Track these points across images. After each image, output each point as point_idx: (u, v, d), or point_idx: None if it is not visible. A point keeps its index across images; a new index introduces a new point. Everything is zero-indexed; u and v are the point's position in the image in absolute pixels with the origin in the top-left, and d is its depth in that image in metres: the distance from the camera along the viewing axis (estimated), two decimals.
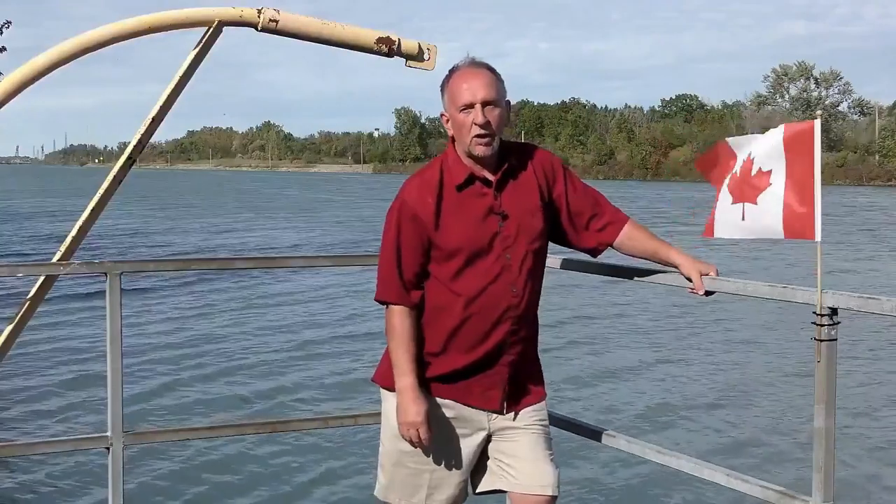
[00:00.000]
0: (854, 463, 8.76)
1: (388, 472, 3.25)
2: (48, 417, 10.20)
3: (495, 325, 3.12)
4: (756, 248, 27.24)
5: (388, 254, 3.16)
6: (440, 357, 3.16)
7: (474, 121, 3.07)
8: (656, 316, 17.15)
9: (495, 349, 3.13)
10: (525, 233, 3.13)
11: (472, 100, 3.07)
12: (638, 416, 10.54)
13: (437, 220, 3.10)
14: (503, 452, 3.20)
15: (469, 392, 3.17)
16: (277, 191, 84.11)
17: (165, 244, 31.31)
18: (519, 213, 3.14)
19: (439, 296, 3.13)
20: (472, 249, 3.09)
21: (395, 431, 3.19)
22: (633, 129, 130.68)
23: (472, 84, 3.09)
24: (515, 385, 3.20)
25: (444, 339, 3.14)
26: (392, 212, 3.17)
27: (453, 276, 3.11)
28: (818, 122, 2.91)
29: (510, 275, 3.11)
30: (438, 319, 3.14)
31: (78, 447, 4.46)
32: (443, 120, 3.23)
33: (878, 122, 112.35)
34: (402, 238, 3.13)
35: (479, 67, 3.14)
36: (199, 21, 3.49)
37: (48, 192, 76.84)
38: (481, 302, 3.10)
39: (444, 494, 3.21)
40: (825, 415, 2.84)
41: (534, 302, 3.21)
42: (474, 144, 3.08)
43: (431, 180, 3.15)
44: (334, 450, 9.07)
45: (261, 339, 14.82)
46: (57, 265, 3.59)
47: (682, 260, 3.23)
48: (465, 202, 3.12)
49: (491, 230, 3.11)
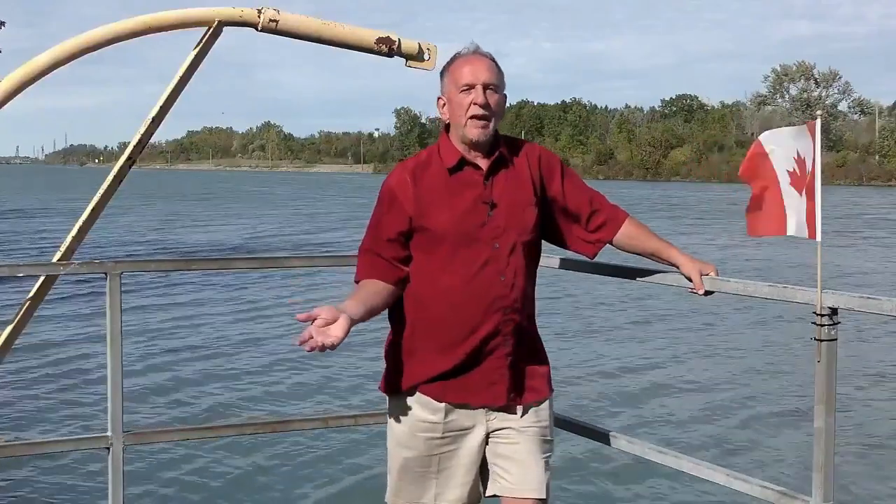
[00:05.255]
0: (854, 463, 8.76)
1: (395, 476, 3.22)
2: (48, 417, 10.19)
3: (485, 315, 3.05)
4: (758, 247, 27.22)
5: (366, 236, 3.17)
6: (430, 352, 3.10)
7: (474, 100, 3.04)
8: (655, 315, 17.14)
9: (486, 341, 3.07)
10: (515, 224, 3.09)
11: (475, 80, 3.06)
12: (637, 416, 10.54)
13: (419, 202, 3.07)
14: (499, 455, 3.16)
15: (467, 390, 3.11)
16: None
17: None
18: (509, 204, 3.10)
19: (425, 286, 3.09)
20: (457, 236, 3.05)
21: (398, 438, 3.17)
22: (633, 129, 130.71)
23: (475, 66, 3.09)
24: (518, 379, 3.14)
25: (433, 330, 3.09)
26: (377, 197, 3.18)
27: (439, 265, 3.07)
28: (818, 122, 2.91)
29: (498, 264, 3.06)
30: (426, 310, 3.10)
31: (78, 447, 4.46)
32: (438, 105, 3.19)
33: (878, 122, 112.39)
34: (380, 221, 3.13)
35: (482, 54, 3.15)
36: (199, 21, 3.49)
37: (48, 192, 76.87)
38: (468, 291, 3.05)
39: (453, 496, 3.17)
40: (825, 415, 2.84)
41: (526, 294, 3.14)
42: (470, 126, 3.06)
43: (418, 162, 3.16)
44: (334, 450, 9.07)
45: (261, 339, 14.81)
46: (57, 265, 3.59)
47: (682, 259, 3.22)
48: (454, 187, 3.09)
49: (479, 218, 3.07)
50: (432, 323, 3.10)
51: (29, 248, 29.42)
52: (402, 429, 3.17)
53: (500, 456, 3.17)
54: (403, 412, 3.15)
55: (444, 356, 3.09)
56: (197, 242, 32.20)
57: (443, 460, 3.15)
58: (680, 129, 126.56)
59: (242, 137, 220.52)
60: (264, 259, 19.78)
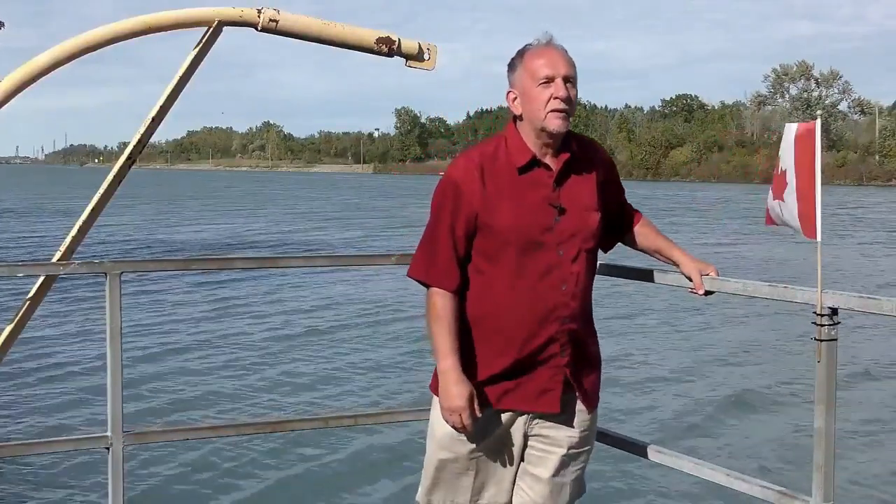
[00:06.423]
0: (854, 463, 8.76)
1: (430, 476, 3.15)
2: (48, 417, 10.19)
3: (543, 324, 2.96)
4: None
5: (428, 231, 3.03)
6: (483, 356, 3.01)
7: (554, 94, 2.93)
8: (655, 315, 17.14)
9: (542, 349, 2.98)
10: (581, 230, 3.00)
11: (554, 73, 2.95)
12: (637, 416, 10.53)
13: (487, 199, 2.94)
14: (532, 464, 3.11)
15: (519, 397, 3.02)
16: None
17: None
18: (577, 209, 3.00)
19: (483, 289, 2.99)
20: (521, 240, 2.93)
21: (439, 440, 3.10)
22: (633, 129, 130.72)
23: (553, 59, 2.97)
24: (572, 388, 3.05)
25: (488, 335, 3.00)
26: (437, 189, 3.03)
27: (499, 268, 2.96)
28: (818, 122, 2.91)
29: (561, 272, 2.97)
30: (481, 314, 3.00)
31: (78, 447, 4.44)
32: (508, 98, 3.05)
33: (878, 122, 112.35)
34: (443, 216, 2.98)
35: (557, 46, 3.02)
36: (199, 21, 3.49)
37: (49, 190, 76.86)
38: (528, 298, 2.95)
39: (487, 497, 3.12)
40: (825, 415, 2.83)
41: (586, 303, 3.07)
42: (551, 118, 2.93)
43: (485, 156, 3.01)
44: (334, 450, 9.07)
45: (261, 339, 14.81)
46: (57, 265, 3.59)
47: (683, 259, 3.22)
48: (522, 187, 2.96)
49: (546, 222, 2.96)
50: (488, 328, 3.01)
51: (29, 248, 29.42)
52: (445, 431, 3.08)
53: (530, 464, 3.11)
54: None
55: (498, 362, 3.01)
56: (196, 242, 32.20)
57: (481, 463, 3.09)
58: (680, 129, 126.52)
59: (242, 137, 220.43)
60: (263, 259, 19.81)
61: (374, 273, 21.33)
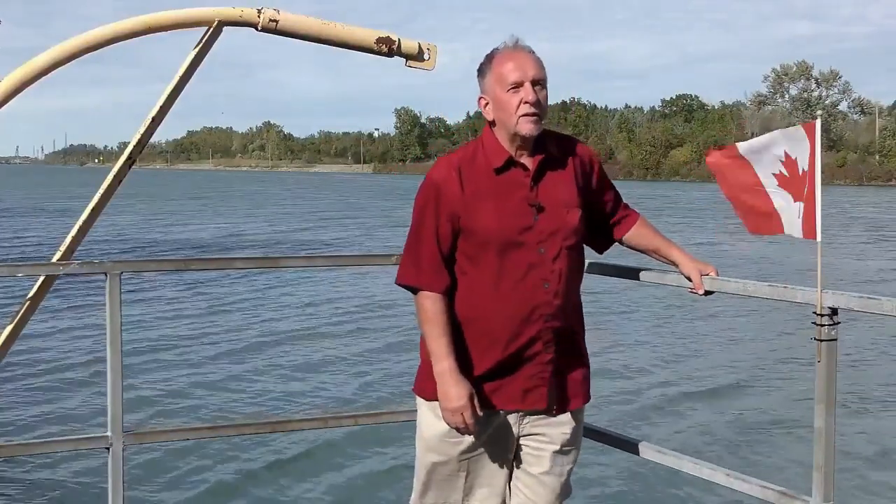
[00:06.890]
0: (854, 463, 8.76)
1: (422, 479, 3.16)
2: (48, 417, 10.19)
3: (526, 323, 2.96)
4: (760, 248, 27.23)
5: (411, 235, 3.04)
6: (467, 357, 3.01)
7: (524, 99, 2.94)
8: (654, 315, 17.15)
9: (526, 348, 2.98)
10: (561, 228, 3.00)
11: (523, 78, 2.95)
12: (637, 416, 10.53)
13: (466, 201, 2.96)
14: (524, 462, 3.12)
15: (505, 395, 3.02)
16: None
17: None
18: (556, 207, 3.00)
19: (465, 290, 3.00)
20: (501, 240, 2.94)
21: (427, 443, 3.11)
22: (633, 129, 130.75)
23: (521, 63, 2.97)
24: (558, 385, 3.06)
25: (471, 336, 3.00)
26: (419, 192, 3.03)
27: (481, 269, 2.97)
28: (819, 122, 2.92)
29: (543, 271, 2.97)
30: (464, 315, 3.00)
31: (78, 447, 4.45)
32: (480, 104, 3.05)
33: (878, 122, 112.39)
34: (426, 219, 3.00)
35: (524, 49, 3.01)
36: (199, 21, 3.49)
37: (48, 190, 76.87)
38: (510, 297, 2.95)
39: (480, 498, 3.12)
40: (825, 414, 2.83)
41: (570, 300, 3.06)
42: (522, 123, 2.94)
43: (463, 159, 3.02)
44: (334, 450, 9.07)
45: (261, 339, 14.82)
46: (57, 265, 3.59)
47: (683, 259, 3.22)
48: (500, 188, 2.98)
49: (525, 222, 2.96)
50: (474, 329, 3.01)
51: (29, 248, 29.42)
52: (433, 434, 3.09)
53: (525, 463, 3.12)
54: (435, 417, 3.06)
55: (484, 362, 3.01)
56: (196, 241, 32.19)
57: (472, 464, 3.09)
58: (680, 129, 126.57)
59: (242, 137, 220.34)
60: (263, 259, 19.81)
61: (374, 273, 21.33)
